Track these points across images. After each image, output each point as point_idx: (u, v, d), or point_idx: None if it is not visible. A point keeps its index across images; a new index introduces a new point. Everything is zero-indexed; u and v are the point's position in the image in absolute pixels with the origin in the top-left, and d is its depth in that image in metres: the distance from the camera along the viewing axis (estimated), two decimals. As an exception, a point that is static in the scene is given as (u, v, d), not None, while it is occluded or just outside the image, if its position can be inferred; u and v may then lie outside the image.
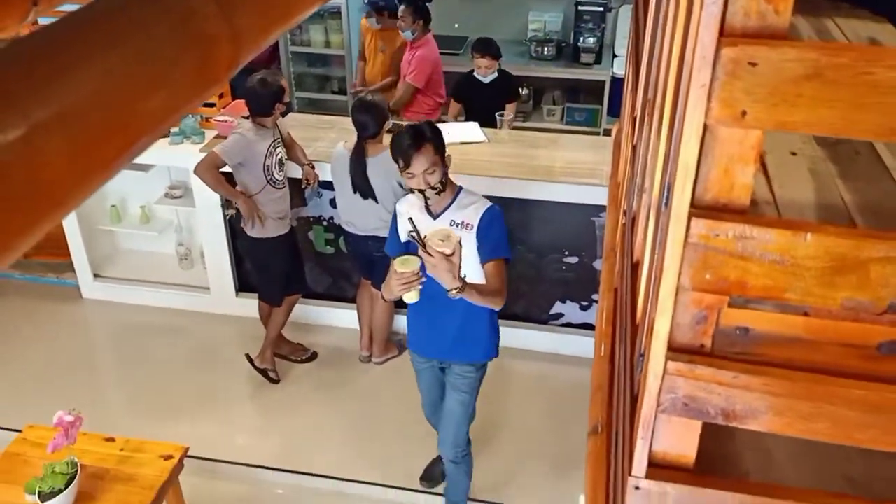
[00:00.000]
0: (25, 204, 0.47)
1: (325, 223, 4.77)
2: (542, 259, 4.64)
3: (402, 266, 2.75)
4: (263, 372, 4.50)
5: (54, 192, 0.49)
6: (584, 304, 4.70)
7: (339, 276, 4.94)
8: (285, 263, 4.32)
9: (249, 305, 4.72)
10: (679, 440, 1.03)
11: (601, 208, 4.05)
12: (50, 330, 5.04)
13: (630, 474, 1.05)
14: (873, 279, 0.88)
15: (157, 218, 5.31)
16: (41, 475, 2.75)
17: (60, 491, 2.71)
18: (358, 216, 4.15)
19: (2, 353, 4.80)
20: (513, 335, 4.71)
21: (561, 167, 4.51)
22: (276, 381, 4.53)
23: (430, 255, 2.61)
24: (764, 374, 0.96)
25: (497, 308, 2.98)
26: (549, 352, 4.72)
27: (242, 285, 5.03)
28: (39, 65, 0.50)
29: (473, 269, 2.89)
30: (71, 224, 5.01)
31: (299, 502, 3.90)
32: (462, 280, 2.68)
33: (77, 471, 2.78)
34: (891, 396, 0.94)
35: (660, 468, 1.05)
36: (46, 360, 4.75)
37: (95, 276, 5.26)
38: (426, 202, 2.93)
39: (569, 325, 4.78)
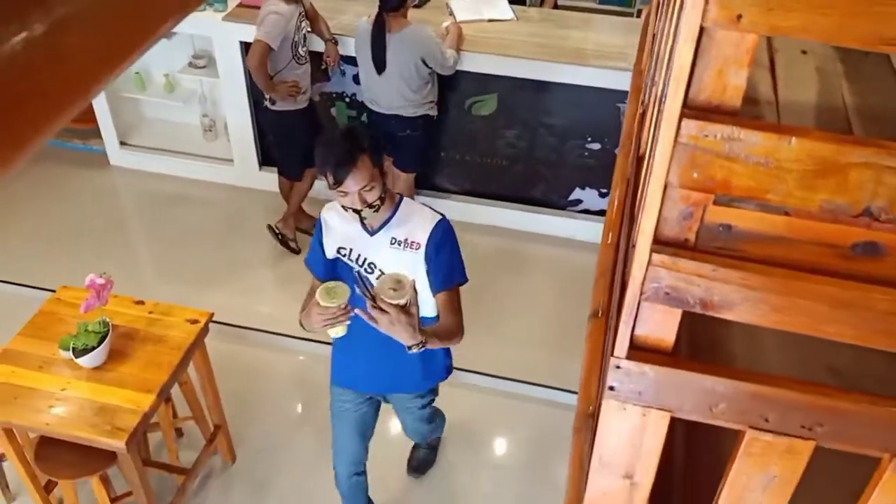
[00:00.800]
0: (52, 92, 0.52)
1: (347, 99, 4.77)
2: (563, 144, 4.64)
3: (327, 299, 2.29)
4: (284, 240, 4.63)
5: (77, 81, 0.55)
6: (604, 191, 4.72)
7: (360, 154, 4.97)
8: (306, 137, 4.36)
9: (272, 179, 4.81)
10: (659, 326, 1.11)
11: (627, 94, 4.01)
12: (80, 195, 5.18)
13: (612, 354, 1.13)
14: (852, 183, 0.93)
15: (182, 87, 5.33)
16: (75, 333, 2.91)
17: (93, 348, 2.87)
18: (381, 94, 4.14)
19: (34, 216, 4.96)
20: (530, 219, 4.78)
21: (590, 49, 4.43)
22: (297, 252, 4.66)
23: (383, 311, 2.16)
24: (742, 269, 1.03)
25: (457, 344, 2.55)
26: (566, 237, 4.79)
27: (266, 159, 5.10)
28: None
29: (421, 298, 2.37)
30: (97, 90, 5.05)
31: (318, 370, 4.10)
32: (423, 331, 2.25)
33: (109, 330, 2.92)
34: (859, 294, 1.00)
35: (640, 350, 1.13)
36: (76, 225, 4.91)
37: (122, 143, 5.34)
38: (361, 221, 2.44)
39: (587, 211, 4.82)
